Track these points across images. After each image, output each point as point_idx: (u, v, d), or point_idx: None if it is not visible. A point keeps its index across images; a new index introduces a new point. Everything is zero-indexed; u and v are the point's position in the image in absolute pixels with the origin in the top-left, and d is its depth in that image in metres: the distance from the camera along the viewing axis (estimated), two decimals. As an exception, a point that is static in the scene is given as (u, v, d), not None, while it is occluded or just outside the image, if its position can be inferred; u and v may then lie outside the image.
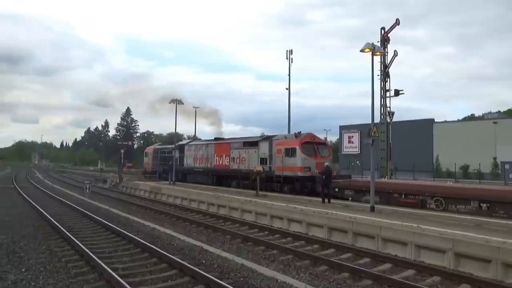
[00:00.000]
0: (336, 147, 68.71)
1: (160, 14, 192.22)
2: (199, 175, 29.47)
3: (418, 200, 15.76)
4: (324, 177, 16.17)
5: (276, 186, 22.20)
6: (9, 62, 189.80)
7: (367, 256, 9.17)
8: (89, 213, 14.97)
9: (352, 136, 55.83)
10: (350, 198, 18.37)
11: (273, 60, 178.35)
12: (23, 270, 7.54)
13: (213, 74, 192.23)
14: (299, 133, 23.03)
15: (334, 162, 53.80)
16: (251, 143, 25.27)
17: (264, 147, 23.81)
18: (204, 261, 8.28)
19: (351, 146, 56.06)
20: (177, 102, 28.08)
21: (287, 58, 59.68)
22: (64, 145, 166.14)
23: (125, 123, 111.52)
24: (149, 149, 39.88)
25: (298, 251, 9.49)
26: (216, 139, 30.95)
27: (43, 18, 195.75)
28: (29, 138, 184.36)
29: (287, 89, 59.13)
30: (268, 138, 24.32)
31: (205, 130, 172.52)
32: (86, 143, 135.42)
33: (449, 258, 8.31)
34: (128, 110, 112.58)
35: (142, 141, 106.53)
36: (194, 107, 61.05)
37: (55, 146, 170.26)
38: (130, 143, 46.26)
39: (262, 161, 23.46)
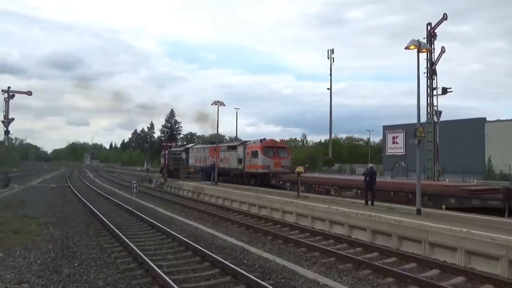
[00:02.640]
0: (379, 148, 66.78)
1: (202, 17, 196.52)
2: (194, 172, 35.27)
3: (325, 189, 21.74)
4: (367, 178, 15.74)
5: (246, 180, 28.32)
6: (62, 68, 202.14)
7: (413, 261, 8.84)
8: (136, 212, 15.59)
9: (397, 137, 53.93)
10: (288, 188, 24.18)
11: (313, 60, 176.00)
12: (76, 264, 7.99)
13: (254, 75, 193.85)
14: (264, 139, 29.22)
15: (377, 163, 52.37)
16: (232, 147, 31.58)
17: (240, 150, 29.94)
18: (245, 261, 8.35)
19: (396, 147, 54.15)
20: (218, 104, 28.56)
21: (328, 58, 58.82)
22: (113, 146, 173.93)
23: (169, 124, 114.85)
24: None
25: (340, 253, 9.32)
26: (211, 143, 37.22)
27: (93, 25, 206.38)
28: (81, 140, 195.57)
29: (328, 89, 58.38)
30: (243, 143, 30.34)
31: (246, 131, 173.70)
32: (133, 144, 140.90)
33: (503, 265, 7.81)
34: (172, 112, 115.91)
35: (185, 142, 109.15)
36: (235, 108, 61.85)
37: (104, 147, 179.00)
38: (174, 144, 47.83)
39: (239, 161, 29.71)
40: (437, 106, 27.26)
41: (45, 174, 58.00)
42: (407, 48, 12.96)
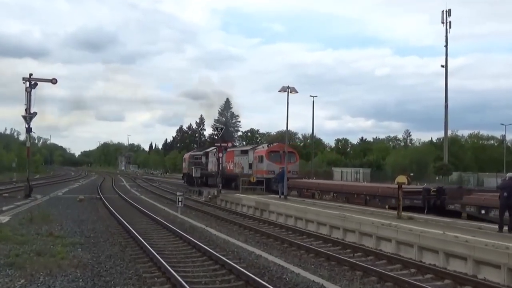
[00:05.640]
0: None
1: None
2: (213, 178, 42.24)
3: (311, 192, 31.95)
4: (505, 194, 14.58)
5: (254, 185, 35.02)
6: (92, 49, 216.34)
7: None
8: (182, 233, 16.21)
9: (547, 134, 50.19)
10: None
11: (420, 26, 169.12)
12: (109, 297, 8.50)
13: (335, 51, 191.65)
14: (271, 144, 40.61)
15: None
16: (244, 151, 40.33)
17: (251, 155, 38.43)
18: (325, 304, 8.30)
19: (545, 148, 50.40)
20: (288, 90, 28.48)
21: (442, 23, 56.23)
22: (153, 147, 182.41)
23: (223, 119, 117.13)
24: (186, 156, 57.62)
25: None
26: (233, 146, 47.58)
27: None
28: (115, 139, 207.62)
29: (443, 66, 55.87)
30: (254, 148, 39.59)
31: (325, 127, 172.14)
32: (178, 144, 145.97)
33: None
34: (227, 102, 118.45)
35: (244, 142, 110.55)
36: (310, 96, 61.86)
37: (143, 149, 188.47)
38: (230, 144, 48.80)
39: (250, 166, 38.03)
40: None
41: (73, 182, 62.44)
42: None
